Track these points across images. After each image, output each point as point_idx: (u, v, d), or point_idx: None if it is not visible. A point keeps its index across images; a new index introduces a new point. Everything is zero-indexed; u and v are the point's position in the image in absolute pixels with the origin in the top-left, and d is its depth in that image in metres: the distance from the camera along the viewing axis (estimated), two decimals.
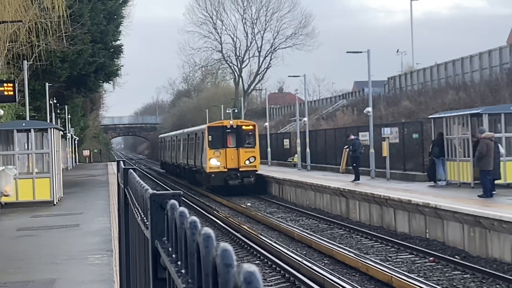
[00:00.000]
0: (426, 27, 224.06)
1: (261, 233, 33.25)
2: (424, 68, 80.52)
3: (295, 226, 35.16)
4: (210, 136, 56.82)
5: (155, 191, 3.85)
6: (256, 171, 56.83)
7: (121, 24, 62.86)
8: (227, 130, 56.98)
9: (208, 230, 2.22)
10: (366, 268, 23.88)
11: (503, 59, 61.85)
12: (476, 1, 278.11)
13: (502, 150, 33.79)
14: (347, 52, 53.52)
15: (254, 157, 56.62)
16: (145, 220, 4.12)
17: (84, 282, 15.14)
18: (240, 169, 55.90)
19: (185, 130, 76.78)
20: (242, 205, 46.88)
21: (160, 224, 3.59)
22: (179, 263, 2.81)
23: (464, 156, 35.81)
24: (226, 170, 55.85)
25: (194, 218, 2.58)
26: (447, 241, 28.38)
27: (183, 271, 2.67)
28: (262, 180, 58.47)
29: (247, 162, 56.06)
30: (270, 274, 24.69)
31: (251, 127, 58.22)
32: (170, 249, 3.17)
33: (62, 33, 38.35)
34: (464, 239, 27.05)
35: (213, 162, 55.99)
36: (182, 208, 2.99)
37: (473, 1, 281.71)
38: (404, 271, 23.44)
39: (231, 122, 58.74)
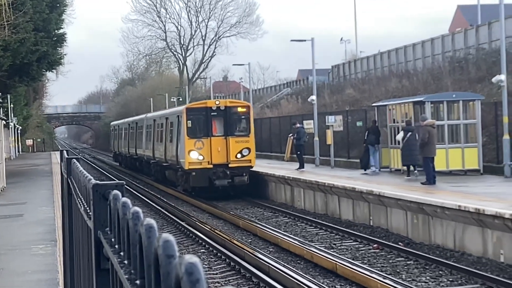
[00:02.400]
0: (370, 15, 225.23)
1: (207, 222, 33.24)
2: (367, 56, 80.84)
3: (240, 214, 35.19)
4: (189, 121, 42.28)
5: (97, 181, 3.83)
6: (251, 167, 42.58)
7: (64, 12, 62.33)
8: (212, 113, 42.38)
9: (150, 220, 2.22)
10: (311, 255, 23.98)
11: (445, 47, 62.33)
12: None
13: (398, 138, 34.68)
14: (291, 40, 53.74)
15: (248, 148, 42.23)
16: (88, 211, 4.10)
17: (28, 272, 15.06)
18: (230, 165, 41.75)
19: (150, 114, 64.59)
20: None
21: (103, 215, 3.57)
22: (122, 253, 2.80)
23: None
24: (211, 166, 41.64)
25: (137, 208, 2.57)
26: (390, 228, 28.58)
27: (126, 261, 2.66)
28: None
29: (238, 155, 41.88)
30: (216, 263, 24.71)
31: (244, 108, 43.71)
32: (113, 239, 3.16)
33: (3, 22, 38.06)
34: (408, 226, 27.26)
35: (194, 155, 41.80)
36: (125, 199, 2.97)
37: None
38: (348, 258, 23.58)
39: (217, 103, 43.73)
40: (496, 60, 42.61)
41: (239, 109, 43.24)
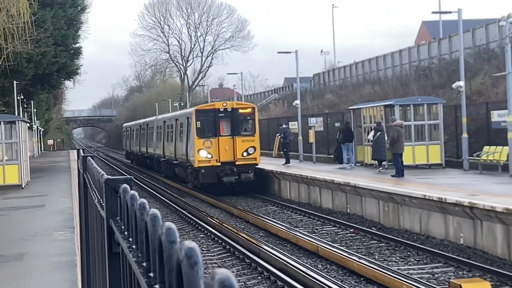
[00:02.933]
0: (346, 30, 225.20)
1: (205, 211, 33.22)
2: (344, 66, 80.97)
3: (234, 204, 35.16)
4: (198, 122, 39.91)
5: (109, 176, 3.83)
6: (256, 164, 40.11)
7: (80, 29, 62.34)
8: (220, 114, 39.90)
9: (155, 211, 2.21)
10: (296, 239, 23.99)
11: (411, 57, 62.43)
12: (388, 8, 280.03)
13: (370, 136, 35.41)
14: (278, 52, 53.72)
15: (254, 147, 39.88)
16: (101, 202, 4.09)
17: (49, 255, 15.03)
18: (237, 163, 39.36)
19: (160, 116, 61.46)
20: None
21: (114, 205, 3.56)
22: (130, 239, 2.79)
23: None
24: (219, 164, 39.24)
25: (143, 200, 2.57)
26: (365, 214, 28.62)
27: (133, 246, 2.65)
28: None
29: (244, 153, 39.61)
30: (213, 246, 24.69)
31: (249, 110, 40.89)
32: (122, 227, 3.15)
33: (27, 37, 38.00)
34: (380, 213, 27.30)
35: (203, 154, 39.38)
36: (133, 192, 2.97)
37: (386, 7, 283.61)
38: (328, 241, 23.59)
39: (224, 104, 40.73)
40: (456, 68, 42.66)
41: (245, 111, 40.56)
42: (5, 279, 12.89)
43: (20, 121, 35.54)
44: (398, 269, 18.89)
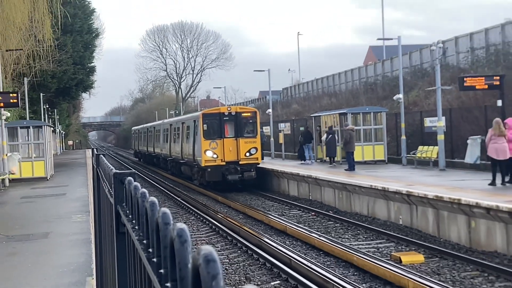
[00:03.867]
0: (309, 52, 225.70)
1: (196, 198, 33.17)
2: (307, 81, 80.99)
3: (218, 193, 35.07)
4: (205, 125, 36.12)
5: (117, 171, 3.81)
6: (258, 164, 36.43)
7: (94, 51, 62.06)
8: (225, 118, 36.05)
9: (153, 199, 2.20)
10: (269, 220, 24.00)
11: (361, 75, 62.59)
12: (341, 35, 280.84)
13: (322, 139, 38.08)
14: (254, 70, 53.82)
15: (256, 148, 36.09)
16: (110, 191, 4.08)
17: (70, 234, 14.99)
18: (240, 162, 35.63)
19: (166, 120, 56.69)
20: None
21: (120, 194, 3.55)
22: (133, 221, 2.78)
23: (337, 142, 36.32)
24: (224, 163, 35.52)
25: (144, 190, 2.57)
26: (324, 201, 28.66)
27: (136, 227, 2.65)
28: None
29: (247, 154, 35.90)
30: (202, 226, 24.65)
31: (251, 114, 36.94)
32: (127, 211, 3.15)
33: (51, 58, 37.86)
34: (335, 199, 27.35)
35: (209, 154, 35.59)
36: (136, 183, 2.96)
37: (340, 35, 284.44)
38: (294, 222, 23.60)
39: (229, 109, 36.85)
40: (396, 84, 42.81)
41: (247, 114, 36.52)
42: (33, 253, 12.85)
43: (45, 126, 35.80)
44: (350, 244, 18.94)
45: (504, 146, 20.41)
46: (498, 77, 26.38)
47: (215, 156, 35.36)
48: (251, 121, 36.31)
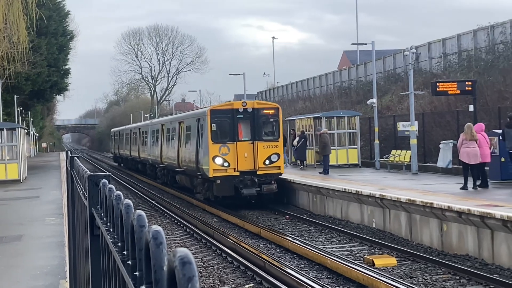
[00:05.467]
0: (283, 56, 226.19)
1: (170, 201, 33.06)
2: (282, 85, 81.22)
3: (193, 196, 34.89)
4: (213, 124, 28.18)
5: (91, 173, 3.79)
6: (280, 174, 28.41)
7: (69, 54, 61.65)
8: (239, 116, 28.31)
9: (128, 201, 2.19)
10: (243, 224, 23.99)
11: (335, 79, 62.85)
12: (316, 40, 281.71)
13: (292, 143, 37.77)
14: (229, 74, 53.90)
15: (278, 154, 28.22)
16: (85, 193, 4.05)
17: (43, 236, 14.86)
18: (258, 172, 27.86)
19: (155, 120, 48.81)
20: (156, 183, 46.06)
21: (95, 196, 3.53)
22: (108, 224, 2.77)
23: (311, 145, 36.51)
24: (237, 173, 27.81)
25: (119, 192, 2.55)
26: (298, 204, 28.68)
27: (111, 230, 2.63)
28: None
29: (267, 161, 28.05)
30: (176, 229, 24.57)
31: (272, 110, 28.88)
32: (102, 214, 3.13)
33: (26, 60, 37.56)
34: (310, 203, 27.39)
35: (219, 162, 27.82)
36: (110, 185, 2.95)
37: (314, 39, 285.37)
38: (269, 225, 23.60)
39: (244, 104, 28.70)
40: (370, 88, 43.07)
41: (268, 111, 28.70)
42: (6, 256, 12.72)
43: (19, 128, 35.51)
44: (323, 247, 18.98)
45: (475, 151, 20.60)
46: (470, 83, 26.63)
47: (226, 164, 27.84)
48: (272, 119, 28.64)
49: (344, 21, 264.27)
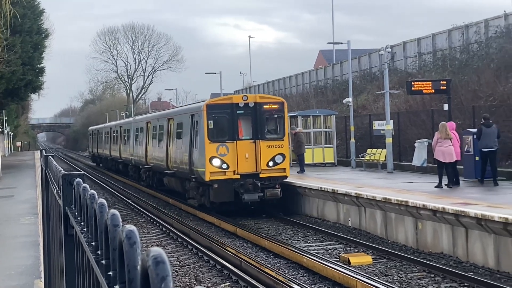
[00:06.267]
0: (260, 55, 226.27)
1: (146, 200, 32.95)
2: (258, 84, 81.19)
3: (168, 195, 34.77)
4: (210, 121, 24.95)
5: (66, 172, 3.77)
6: (285, 177, 25.33)
7: (44, 52, 61.20)
8: (239, 111, 25.06)
9: (102, 200, 2.18)
10: (219, 223, 23.96)
11: (311, 78, 63.00)
12: (292, 39, 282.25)
13: None
14: (206, 73, 53.80)
15: (283, 154, 25.09)
16: (59, 192, 4.03)
17: (17, 236, 14.72)
18: (261, 175, 24.77)
19: (139, 117, 45.04)
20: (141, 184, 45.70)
21: (69, 196, 3.51)
22: (82, 223, 2.75)
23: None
24: (237, 176, 24.62)
25: (93, 191, 2.54)
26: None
27: (85, 229, 2.62)
28: None
29: (270, 163, 24.88)
30: (152, 229, 24.49)
31: (277, 105, 25.64)
32: (76, 213, 3.11)
33: (0, 58, 37.24)
34: (286, 201, 27.39)
35: (216, 163, 24.62)
36: (85, 184, 2.93)
37: (290, 39, 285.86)
38: (245, 224, 23.59)
39: (244, 98, 25.35)
40: (346, 87, 43.24)
41: (272, 106, 25.52)
42: None
43: None
44: (300, 246, 19.02)
45: (450, 149, 20.76)
46: (444, 82, 26.81)
47: (224, 166, 24.74)
48: (276, 115, 25.57)
49: (320, 20, 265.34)
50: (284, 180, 25.36)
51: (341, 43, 40.46)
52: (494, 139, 21.55)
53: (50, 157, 6.09)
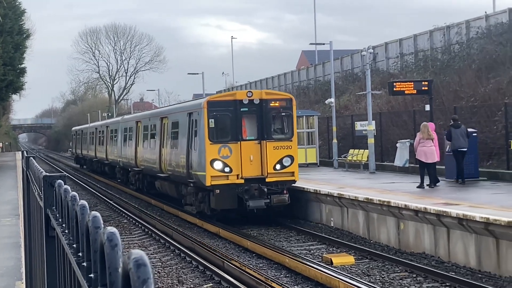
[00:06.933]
0: (242, 56, 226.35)
1: (128, 201, 32.85)
2: (241, 85, 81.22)
3: (151, 196, 34.56)
4: (211, 120, 22.59)
5: (47, 173, 3.75)
6: (294, 181, 22.96)
7: (25, 52, 60.92)
8: (243, 109, 22.68)
9: (84, 202, 2.17)
10: (202, 223, 23.91)
11: (294, 79, 63.09)
12: (274, 40, 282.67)
13: None
14: (188, 73, 53.75)
15: (291, 156, 22.80)
16: (40, 194, 4.00)
17: None
18: (267, 179, 22.44)
19: (128, 116, 43.03)
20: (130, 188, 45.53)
21: (50, 197, 3.50)
22: (63, 225, 2.74)
23: None
24: (241, 181, 22.28)
25: (75, 193, 2.53)
26: None
27: (66, 231, 2.61)
28: None
29: (277, 166, 22.56)
30: (134, 230, 24.43)
31: (284, 102, 23.30)
32: (57, 215, 3.09)
33: None
34: None
35: (218, 166, 22.28)
36: (66, 186, 2.92)
37: (273, 39, 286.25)
38: (227, 225, 23.56)
39: (249, 94, 23.00)
40: (328, 88, 43.30)
41: (279, 103, 23.05)
42: None
43: None
44: (282, 246, 19.03)
45: (432, 149, 20.89)
46: (426, 82, 26.95)
47: (227, 169, 22.34)
48: (284, 113, 23.18)
49: (303, 21, 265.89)
50: (293, 185, 22.95)
51: (324, 44, 40.61)
52: (465, 139, 21.79)
53: (32, 158, 6.05)
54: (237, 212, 22.79)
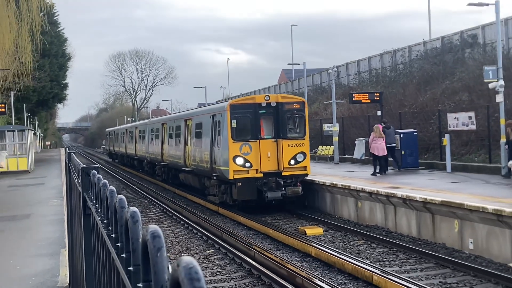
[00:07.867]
0: (236, 73, 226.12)
1: (148, 186, 32.73)
2: (235, 96, 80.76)
3: (175, 186, 34.40)
4: (233, 121, 20.40)
5: (84, 165, 3.73)
6: (306, 175, 20.73)
7: (67, 71, 60.62)
8: (261, 111, 20.59)
9: (112, 187, 2.16)
10: (205, 203, 23.84)
11: (276, 91, 62.98)
12: (260, 61, 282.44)
13: None
14: (194, 87, 53.73)
15: (304, 153, 20.69)
16: (79, 181, 3.99)
17: (47, 215, 14.58)
18: (283, 173, 20.33)
19: (154, 119, 40.04)
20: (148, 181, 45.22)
21: (86, 183, 3.48)
22: (97, 205, 2.73)
23: None
24: (260, 175, 20.23)
25: (105, 181, 2.52)
26: None
27: (99, 210, 2.60)
28: None
29: (292, 162, 20.52)
30: (152, 208, 24.35)
31: (298, 105, 21.17)
32: (92, 197, 3.08)
33: (32, 76, 36.81)
34: None
35: (240, 162, 20.18)
36: (99, 175, 2.91)
37: (259, 60, 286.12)
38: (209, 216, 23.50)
39: (267, 98, 20.76)
40: None
41: (293, 106, 21.11)
42: (18, 230, 12.45)
43: (27, 130, 35.00)
44: (266, 220, 18.97)
45: (382, 145, 20.97)
46: (378, 94, 27.00)
47: (247, 165, 20.32)
48: (297, 115, 21.10)
49: (282, 46, 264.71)
50: (305, 178, 20.84)
51: (299, 64, 40.50)
52: (393, 137, 22.11)
53: (72, 153, 6.02)
54: (256, 202, 20.61)
